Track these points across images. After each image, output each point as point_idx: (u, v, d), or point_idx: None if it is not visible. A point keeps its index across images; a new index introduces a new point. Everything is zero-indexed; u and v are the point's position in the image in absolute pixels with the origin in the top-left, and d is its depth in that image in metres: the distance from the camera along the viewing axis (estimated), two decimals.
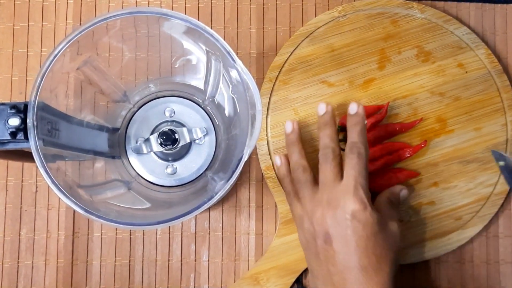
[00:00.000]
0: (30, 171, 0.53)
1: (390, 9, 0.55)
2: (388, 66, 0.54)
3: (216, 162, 0.49)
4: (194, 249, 0.53)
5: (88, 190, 0.43)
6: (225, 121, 0.49)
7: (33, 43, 0.55)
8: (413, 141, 0.53)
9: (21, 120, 0.36)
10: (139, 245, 0.53)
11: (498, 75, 0.54)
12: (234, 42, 0.55)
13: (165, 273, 0.52)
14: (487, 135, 0.53)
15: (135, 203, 0.47)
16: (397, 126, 0.52)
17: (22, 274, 0.52)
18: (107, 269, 0.52)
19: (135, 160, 0.49)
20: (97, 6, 0.55)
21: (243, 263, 0.53)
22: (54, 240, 0.52)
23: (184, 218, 0.37)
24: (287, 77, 0.54)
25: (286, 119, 0.53)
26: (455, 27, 0.55)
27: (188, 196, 0.49)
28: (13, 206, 0.53)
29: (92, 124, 0.46)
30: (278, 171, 0.52)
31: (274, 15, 0.56)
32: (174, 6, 0.56)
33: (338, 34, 0.54)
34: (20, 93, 0.54)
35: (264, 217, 0.53)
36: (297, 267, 0.51)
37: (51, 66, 0.37)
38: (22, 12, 0.55)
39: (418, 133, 0.53)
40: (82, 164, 0.46)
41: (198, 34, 0.39)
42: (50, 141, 0.38)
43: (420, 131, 0.53)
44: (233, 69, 0.38)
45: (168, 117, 0.50)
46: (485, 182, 0.52)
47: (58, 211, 0.53)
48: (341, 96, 0.53)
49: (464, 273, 0.53)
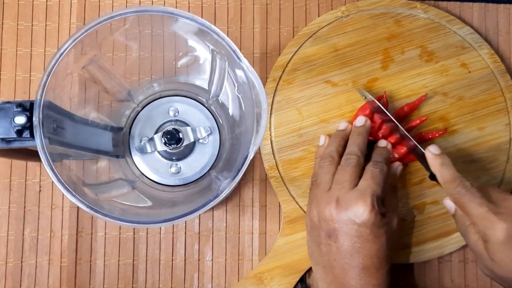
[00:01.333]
0: (34, 171, 0.53)
1: (393, 9, 0.55)
2: (392, 66, 0.54)
3: (220, 161, 0.49)
4: (197, 248, 0.53)
5: (93, 189, 0.43)
6: (229, 120, 0.49)
7: (37, 43, 0.55)
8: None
9: (27, 118, 0.36)
10: (143, 244, 0.53)
11: (501, 75, 0.54)
12: (237, 42, 0.55)
13: (168, 272, 0.52)
14: (490, 134, 0.53)
15: (139, 202, 0.47)
16: (404, 107, 0.52)
17: (26, 274, 0.52)
18: (111, 268, 0.52)
19: (139, 160, 0.49)
20: (101, 5, 0.55)
21: (246, 263, 0.53)
22: (58, 239, 0.52)
23: (189, 216, 0.37)
24: (290, 76, 0.54)
25: (289, 119, 0.53)
26: (458, 27, 0.55)
27: (192, 195, 0.49)
28: (16, 206, 0.53)
29: (96, 123, 0.46)
30: (317, 149, 0.52)
31: (278, 15, 0.56)
32: (177, 5, 0.56)
33: (342, 34, 0.55)
34: (24, 92, 0.54)
35: (268, 216, 0.53)
36: (301, 266, 0.51)
37: (56, 65, 0.37)
38: (26, 11, 0.55)
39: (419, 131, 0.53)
40: (86, 163, 0.46)
41: (203, 33, 0.39)
42: (55, 139, 0.38)
43: (423, 131, 0.53)
44: (239, 68, 0.38)
45: (172, 117, 0.50)
46: (489, 182, 0.52)
47: (62, 211, 0.53)
48: (345, 96, 0.54)
49: (468, 272, 0.53)
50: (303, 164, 0.53)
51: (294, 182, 0.53)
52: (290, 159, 0.53)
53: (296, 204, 0.52)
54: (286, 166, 0.53)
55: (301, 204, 0.52)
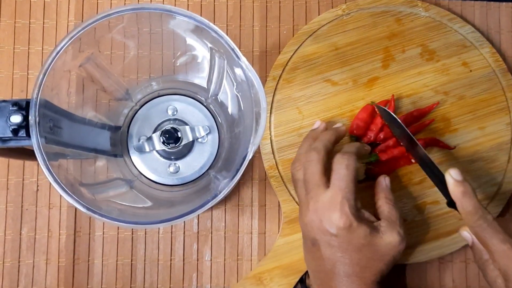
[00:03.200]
0: (31, 170, 0.53)
1: (394, 7, 0.54)
2: (392, 65, 0.54)
3: (219, 160, 0.49)
4: (196, 248, 0.52)
5: (90, 189, 0.42)
6: (228, 119, 0.48)
7: (34, 41, 0.54)
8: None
9: (23, 117, 0.35)
10: (141, 244, 0.52)
11: (503, 74, 0.54)
12: (237, 40, 0.55)
13: (167, 272, 0.52)
14: (492, 134, 0.53)
15: (137, 202, 0.46)
16: (414, 112, 0.52)
17: (23, 274, 0.51)
18: (109, 268, 0.52)
19: (137, 159, 0.49)
20: (99, 3, 0.55)
21: (246, 263, 0.52)
22: (56, 239, 0.52)
23: (188, 217, 0.36)
24: (290, 75, 0.53)
25: (289, 118, 0.53)
26: (460, 25, 0.54)
27: (190, 195, 0.49)
28: (14, 205, 0.52)
29: (94, 122, 0.46)
30: (309, 132, 0.50)
31: (278, 13, 0.55)
32: (176, 3, 0.55)
33: (342, 32, 0.54)
34: (21, 91, 0.53)
35: (267, 216, 0.53)
36: (300, 266, 0.51)
37: (53, 63, 0.36)
38: (24, 9, 0.54)
39: (423, 133, 0.52)
40: (84, 163, 0.45)
41: (201, 31, 0.38)
42: (52, 138, 0.37)
43: (425, 130, 0.52)
44: (237, 67, 0.38)
45: (171, 116, 0.49)
46: (490, 181, 0.52)
47: (59, 210, 0.52)
48: (345, 95, 0.53)
49: (469, 272, 0.53)
50: None
51: None
52: (290, 159, 0.52)
53: (296, 204, 0.52)
54: (286, 166, 0.52)
55: None
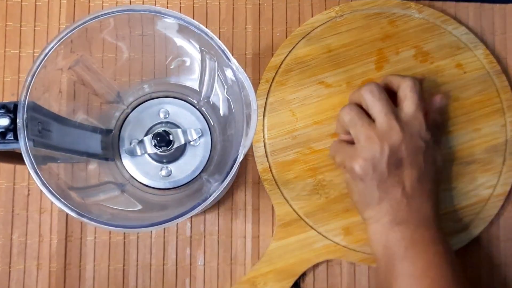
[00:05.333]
0: (22, 174, 0.52)
1: (388, 9, 0.54)
2: (386, 67, 0.53)
3: (211, 164, 0.49)
4: (189, 253, 0.52)
5: (81, 192, 0.42)
6: (221, 122, 0.48)
7: (25, 44, 0.54)
8: None
9: (10, 120, 0.35)
10: (133, 249, 0.52)
11: (497, 76, 0.53)
12: (229, 43, 0.55)
13: (160, 277, 0.51)
14: (487, 136, 0.53)
15: (129, 206, 0.46)
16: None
17: (14, 279, 0.51)
18: (101, 273, 0.51)
19: (128, 162, 0.48)
20: (90, 6, 0.54)
21: (239, 267, 0.52)
22: (47, 244, 0.51)
23: (178, 220, 0.36)
24: (284, 78, 0.53)
25: (283, 120, 0.52)
26: (454, 27, 0.54)
27: (183, 198, 0.48)
28: (4, 210, 0.52)
29: (84, 125, 0.45)
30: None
31: (271, 15, 0.55)
32: (168, 5, 0.55)
33: (335, 34, 0.54)
34: (12, 94, 0.53)
35: (261, 220, 0.53)
36: (294, 270, 0.50)
37: (41, 65, 0.36)
38: (14, 12, 0.54)
39: None
40: (74, 166, 0.45)
41: (192, 33, 0.38)
42: (41, 142, 0.37)
43: None
44: (228, 68, 0.38)
45: (163, 118, 0.49)
46: (485, 184, 0.52)
47: (50, 215, 0.52)
48: (339, 97, 0.53)
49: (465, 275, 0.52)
50: (297, 167, 0.52)
51: (288, 185, 0.52)
52: (283, 161, 0.52)
53: (290, 207, 0.51)
54: (279, 169, 0.52)
55: (295, 207, 0.51)
